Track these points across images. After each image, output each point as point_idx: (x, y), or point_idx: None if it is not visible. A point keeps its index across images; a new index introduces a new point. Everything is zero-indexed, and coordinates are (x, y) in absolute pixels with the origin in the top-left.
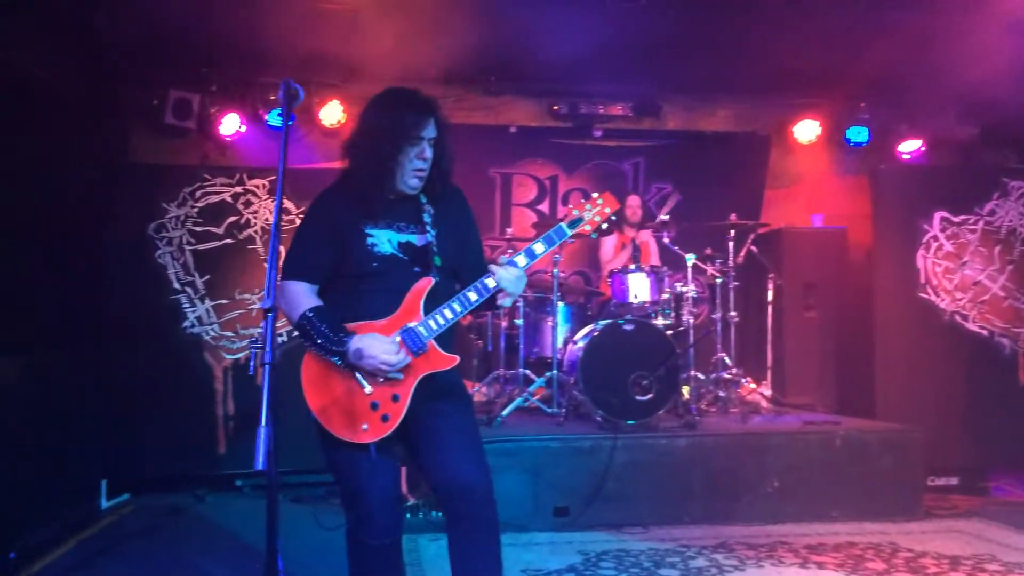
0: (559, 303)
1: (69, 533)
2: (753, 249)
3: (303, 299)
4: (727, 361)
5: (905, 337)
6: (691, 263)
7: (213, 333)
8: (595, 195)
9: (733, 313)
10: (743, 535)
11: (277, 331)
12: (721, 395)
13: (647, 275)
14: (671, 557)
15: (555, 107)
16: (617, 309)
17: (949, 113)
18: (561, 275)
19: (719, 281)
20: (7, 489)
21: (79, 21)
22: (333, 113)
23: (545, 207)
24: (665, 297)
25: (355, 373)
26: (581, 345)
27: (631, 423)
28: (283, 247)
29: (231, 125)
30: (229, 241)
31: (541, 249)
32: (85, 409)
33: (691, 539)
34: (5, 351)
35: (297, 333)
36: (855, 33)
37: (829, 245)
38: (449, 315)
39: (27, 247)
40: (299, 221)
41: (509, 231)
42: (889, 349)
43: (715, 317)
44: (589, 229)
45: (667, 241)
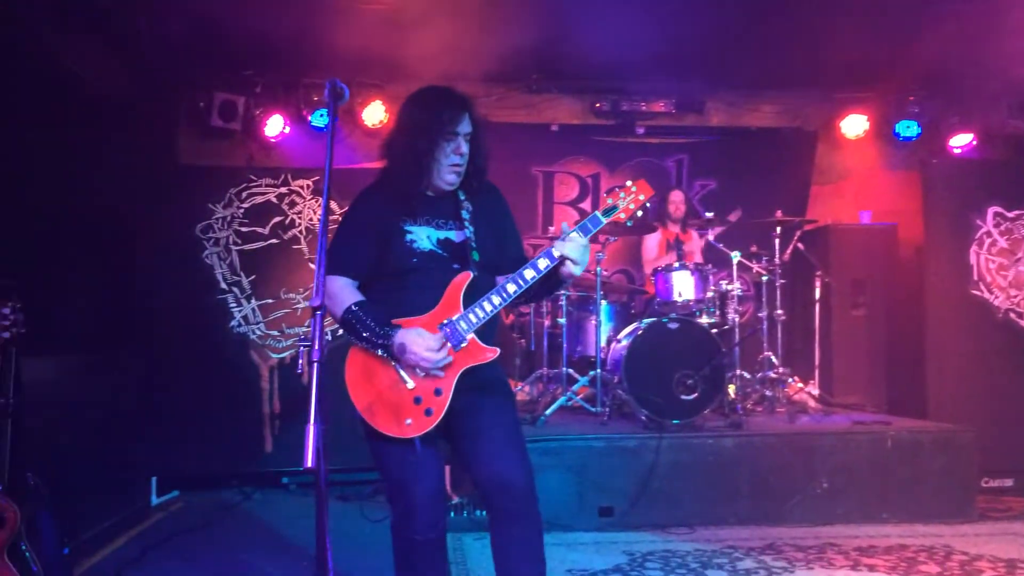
0: (602, 302)
1: (121, 529)
2: (800, 246)
3: (347, 294)
4: (773, 360)
5: (957, 335)
6: (736, 260)
7: (259, 332)
8: (629, 183)
9: (780, 311)
10: (791, 536)
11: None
12: (768, 394)
13: (691, 273)
14: (718, 558)
15: (597, 105)
16: (661, 307)
17: (1002, 106)
18: (604, 273)
19: (765, 279)
20: (62, 486)
21: (125, 27)
22: (375, 113)
23: (587, 205)
24: (710, 295)
25: (397, 367)
26: (625, 344)
27: (676, 422)
28: None
29: (275, 126)
30: (274, 241)
31: None
32: (135, 407)
33: (738, 540)
34: (58, 350)
35: (342, 329)
36: (907, 25)
37: (878, 241)
38: (488, 308)
39: (80, 249)
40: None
41: (551, 230)
42: (941, 347)
43: (761, 315)
44: (624, 217)
45: (712, 239)
